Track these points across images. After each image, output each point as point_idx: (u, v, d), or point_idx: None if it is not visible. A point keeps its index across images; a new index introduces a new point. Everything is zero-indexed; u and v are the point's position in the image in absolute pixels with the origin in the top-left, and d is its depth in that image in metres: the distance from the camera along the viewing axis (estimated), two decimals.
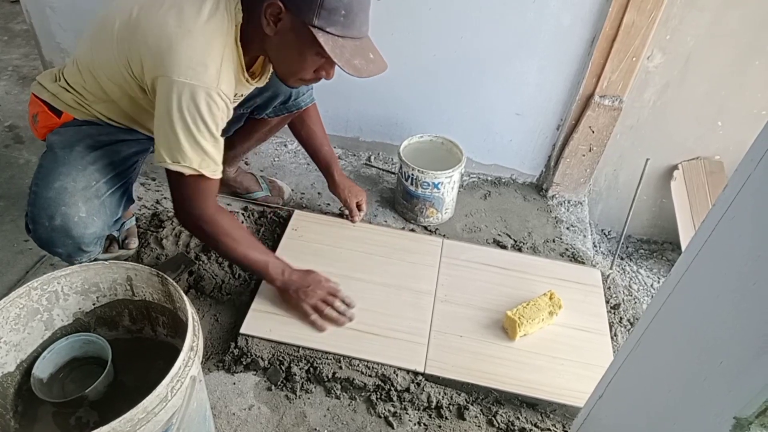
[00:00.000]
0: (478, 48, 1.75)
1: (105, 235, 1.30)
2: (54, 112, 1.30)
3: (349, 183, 1.70)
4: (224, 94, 1.10)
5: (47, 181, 1.20)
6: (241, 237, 1.31)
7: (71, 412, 0.99)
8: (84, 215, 1.20)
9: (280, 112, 1.53)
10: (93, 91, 1.26)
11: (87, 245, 1.24)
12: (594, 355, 1.39)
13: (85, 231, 1.21)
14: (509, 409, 1.30)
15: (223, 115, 1.14)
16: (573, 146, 1.83)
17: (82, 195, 1.21)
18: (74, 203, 1.19)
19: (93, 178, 1.24)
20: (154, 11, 1.08)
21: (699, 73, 1.72)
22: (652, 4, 1.54)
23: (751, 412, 0.58)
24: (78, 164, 1.23)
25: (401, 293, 1.50)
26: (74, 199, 1.19)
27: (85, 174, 1.23)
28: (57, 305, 1.00)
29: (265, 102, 1.48)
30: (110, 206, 1.27)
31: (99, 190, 1.24)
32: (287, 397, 1.29)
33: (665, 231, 2.09)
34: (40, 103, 1.31)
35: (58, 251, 1.23)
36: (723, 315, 0.65)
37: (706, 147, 1.87)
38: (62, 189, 1.19)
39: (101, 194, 1.25)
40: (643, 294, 1.95)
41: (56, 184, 1.19)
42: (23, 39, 2.61)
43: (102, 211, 1.25)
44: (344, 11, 1.04)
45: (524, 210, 1.91)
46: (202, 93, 1.07)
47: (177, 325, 1.05)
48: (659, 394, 0.78)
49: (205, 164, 1.15)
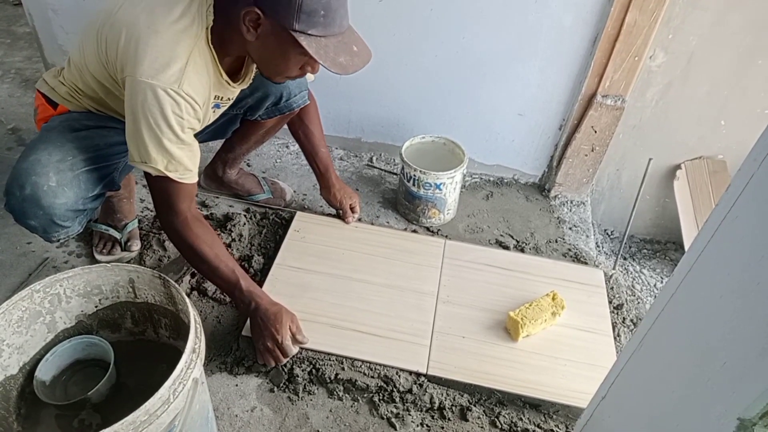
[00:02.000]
0: (480, 48, 1.74)
1: (81, 211, 1.27)
2: (50, 104, 1.32)
3: (343, 185, 1.70)
4: (187, 95, 1.09)
5: (25, 155, 1.22)
6: (214, 250, 1.25)
7: (74, 415, 1.00)
8: (54, 185, 1.19)
9: (273, 113, 1.52)
10: (84, 88, 1.29)
11: (59, 218, 1.22)
12: (597, 355, 1.39)
13: (55, 200, 1.19)
14: (512, 410, 1.29)
15: (190, 117, 1.12)
16: (575, 146, 1.83)
17: (55, 166, 1.20)
18: (45, 173, 1.19)
19: (70, 153, 1.24)
20: (131, 9, 1.10)
21: (701, 73, 1.71)
22: (654, 4, 1.53)
23: (755, 413, 0.58)
24: (57, 140, 1.24)
25: (404, 294, 1.50)
26: (46, 169, 1.19)
27: (63, 149, 1.23)
28: (59, 308, 1.01)
29: (257, 103, 1.48)
30: (85, 182, 1.25)
31: (74, 165, 1.24)
32: (290, 398, 1.28)
33: (668, 231, 2.08)
34: (40, 97, 1.35)
35: (32, 224, 1.22)
36: (726, 315, 0.65)
37: (709, 146, 1.87)
38: (36, 161, 1.20)
39: (76, 168, 1.24)
40: (646, 294, 1.94)
41: (32, 157, 1.20)
42: (26, 42, 2.62)
43: (75, 183, 1.23)
44: (323, 11, 1.04)
45: (527, 210, 1.91)
46: (161, 93, 1.06)
47: (179, 327, 1.05)
48: (662, 395, 0.77)
49: (171, 167, 1.15)
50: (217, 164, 1.74)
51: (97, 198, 1.32)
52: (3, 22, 2.80)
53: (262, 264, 1.58)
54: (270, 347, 1.27)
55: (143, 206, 1.74)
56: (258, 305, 1.28)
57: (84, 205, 1.27)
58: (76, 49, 1.26)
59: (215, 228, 1.65)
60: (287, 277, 1.52)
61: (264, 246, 1.64)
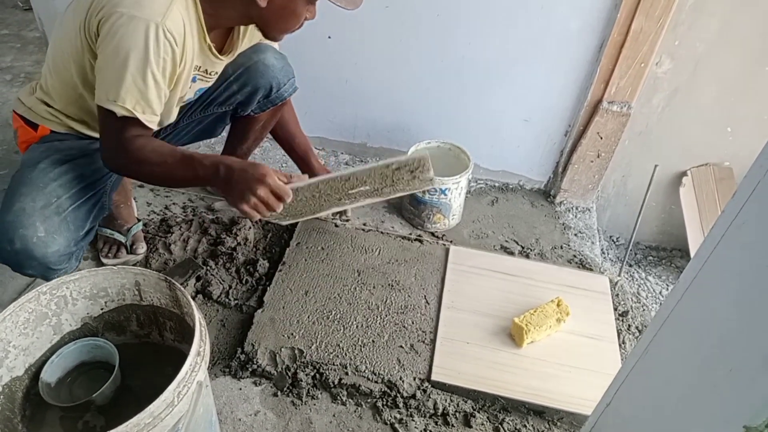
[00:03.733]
0: (486, 54, 1.75)
1: (75, 251, 1.25)
2: (30, 125, 1.29)
3: (326, 169, 1.67)
4: (169, 33, 1.07)
5: (8, 204, 1.18)
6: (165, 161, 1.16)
7: (79, 417, 1.00)
8: (42, 234, 1.16)
9: (265, 106, 1.51)
10: (62, 89, 1.26)
11: (54, 264, 1.19)
12: (602, 362, 1.38)
13: (47, 250, 1.17)
14: (516, 417, 1.29)
15: (168, 57, 1.10)
16: (581, 152, 1.83)
17: (40, 214, 1.17)
18: (32, 224, 1.16)
19: (54, 194, 1.21)
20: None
21: (708, 79, 1.71)
22: (660, 10, 1.53)
23: (761, 421, 0.58)
24: (39, 182, 1.21)
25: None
26: (32, 219, 1.16)
27: (45, 192, 1.20)
28: (65, 310, 1.01)
29: (247, 98, 1.46)
30: (74, 221, 1.23)
31: (60, 206, 1.21)
32: (293, 403, 1.28)
33: (674, 238, 2.07)
34: (18, 119, 1.31)
35: (29, 273, 1.20)
36: (732, 322, 0.65)
37: (716, 153, 1.86)
38: (20, 211, 1.16)
39: (62, 210, 1.21)
40: (651, 301, 1.93)
41: (15, 206, 1.17)
42: (35, 46, 2.64)
43: (64, 227, 1.20)
44: None
45: (532, 216, 1.91)
46: (143, 25, 1.04)
47: (184, 330, 1.05)
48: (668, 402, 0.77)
49: (140, 107, 1.10)
50: None
51: (88, 233, 1.29)
52: (13, 26, 2.83)
53: (267, 268, 1.58)
54: (261, 195, 1.13)
55: (149, 210, 1.75)
56: (229, 165, 1.14)
57: (76, 245, 1.24)
58: (49, 48, 1.25)
59: (222, 232, 1.66)
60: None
61: (269, 250, 1.65)
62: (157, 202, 1.78)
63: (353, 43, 1.82)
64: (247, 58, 1.40)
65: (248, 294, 1.52)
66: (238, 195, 1.14)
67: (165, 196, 1.82)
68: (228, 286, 1.52)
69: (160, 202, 1.79)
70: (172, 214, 1.74)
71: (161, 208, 1.77)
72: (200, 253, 1.61)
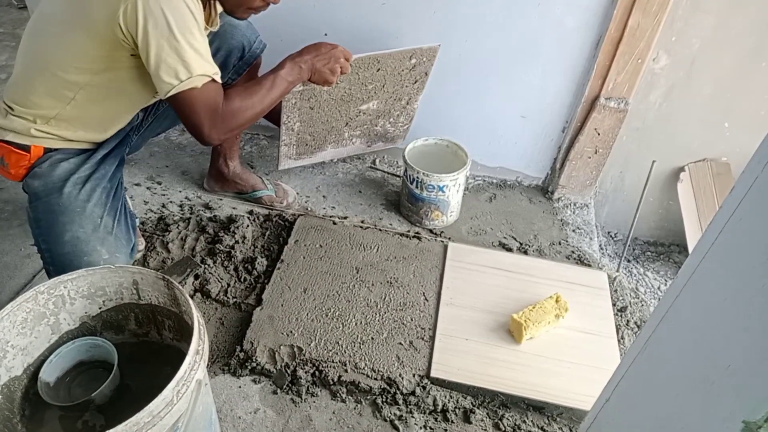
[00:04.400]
0: (483, 51, 1.75)
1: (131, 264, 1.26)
2: (21, 149, 1.23)
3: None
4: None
5: (55, 236, 1.17)
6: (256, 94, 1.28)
7: (78, 416, 1.00)
8: (107, 257, 1.18)
9: (241, 69, 1.52)
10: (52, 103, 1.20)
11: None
12: (601, 358, 1.38)
13: None
14: (515, 413, 1.29)
15: (200, 15, 1.12)
16: (579, 148, 1.83)
17: (96, 238, 1.18)
18: (93, 249, 1.17)
19: (96, 215, 1.21)
20: None
21: (705, 75, 1.71)
22: (657, 6, 1.53)
23: (760, 416, 0.58)
24: (75, 207, 1.20)
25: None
26: (91, 245, 1.17)
27: (86, 216, 1.20)
28: (63, 309, 1.01)
29: (223, 63, 1.45)
30: (123, 236, 1.24)
31: (106, 225, 1.22)
32: (293, 400, 1.29)
33: (672, 233, 2.08)
34: (2, 144, 1.23)
35: None
36: (730, 318, 0.65)
37: (713, 149, 1.87)
38: (75, 240, 1.17)
39: (111, 229, 1.22)
40: (650, 297, 1.94)
41: (66, 237, 1.17)
42: None
43: (119, 244, 1.22)
44: None
45: (530, 212, 1.91)
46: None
47: (183, 328, 1.05)
48: (666, 397, 0.77)
49: (210, 67, 1.14)
50: (218, 162, 1.74)
51: (135, 246, 1.30)
52: (8, 25, 2.82)
53: (266, 266, 1.58)
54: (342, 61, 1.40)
55: (146, 208, 1.75)
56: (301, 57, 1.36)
57: (131, 258, 1.26)
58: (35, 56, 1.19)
59: (220, 230, 1.66)
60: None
61: (267, 248, 1.65)
62: (154, 201, 1.78)
63: (349, 40, 1.81)
64: None
65: (247, 292, 1.52)
66: (328, 73, 1.39)
67: (162, 194, 1.81)
68: (226, 284, 1.52)
69: (157, 201, 1.78)
70: (170, 212, 1.74)
71: (158, 206, 1.76)
72: (198, 252, 1.60)
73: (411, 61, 1.64)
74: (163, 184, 1.85)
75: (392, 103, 1.78)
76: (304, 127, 1.66)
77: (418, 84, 1.75)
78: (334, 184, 1.93)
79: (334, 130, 1.76)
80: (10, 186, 1.81)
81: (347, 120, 1.75)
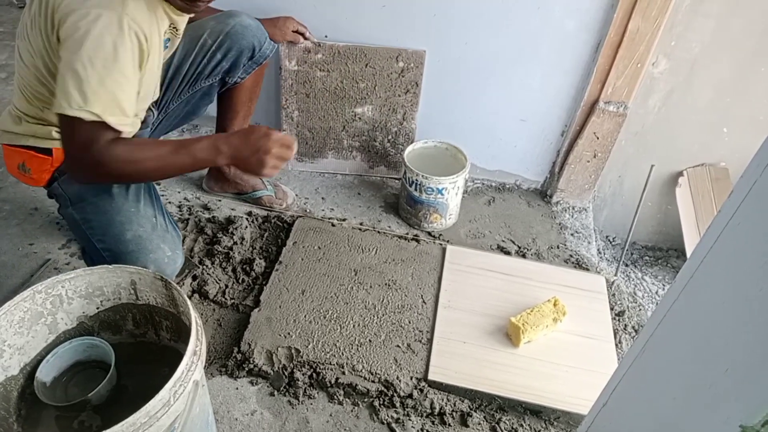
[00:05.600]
0: (483, 54, 1.75)
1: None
2: (42, 152, 1.22)
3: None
4: (135, 23, 1.02)
5: (113, 236, 1.18)
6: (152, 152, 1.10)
7: (74, 416, 0.99)
8: (170, 253, 1.20)
9: (250, 69, 1.52)
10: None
11: (174, 275, 1.25)
12: (598, 362, 1.38)
13: (175, 266, 1.22)
14: (513, 416, 1.29)
15: (135, 50, 1.04)
16: (577, 152, 1.83)
17: (157, 236, 1.20)
18: (157, 247, 1.19)
19: (149, 214, 1.22)
20: None
21: (704, 80, 1.71)
22: (657, 11, 1.54)
23: (757, 421, 0.58)
24: (129, 207, 1.20)
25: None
26: (154, 243, 1.19)
27: (141, 215, 1.20)
28: (61, 309, 1.01)
29: (233, 63, 1.47)
30: (176, 233, 1.27)
31: (161, 224, 1.23)
32: (290, 402, 1.28)
33: (670, 238, 2.08)
34: (22, 151, 1.22)
35: None
36: (728, 322, 0.65)
37: (711, 153, 1.87)
38: (137, 238, 1.17)
39: (165, 226, 1.24)
40: (647, 301, 1.94)
41: (128, 236, 1.17)
42: None
43: (176, 241, 1.25)
44: None
45: (528, 216, 1.91)
46: (105, 19, 0.99)
47: (180, 329, 1.05)
48: (664, 402, 0.77)
49: (109, 111, 1.02)
50: None
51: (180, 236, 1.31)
52: (8, 24, 2.81)
53: (264, 267, 1.58)
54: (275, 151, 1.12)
55: None
56: (227, 139, 1.13)
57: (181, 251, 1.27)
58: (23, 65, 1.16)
59: (218, 231, 1.65)
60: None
61: (266, 249, 1.65)
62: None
63: (349, 41, 1.82)
64: (223, 24, 1.42)
65: (245, 293, 1.52)
66: (255, 163, 1.13)
67: (160, 195, 1.81)
68: (224, 286, 1.52)
69: None
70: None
71: None
72: (196, 253, 1.60)
73: (399, 64, 1.68)
74: (161, 185, 1.85)
75: (387, 114, 1.79)
76: (302, 118, 1.67)
77: (410, 95, 1.77)
78: (333, 186, 1.93)
79: (332, 131, 1.76)
80: (8, 185, 1.80)
81: (344, 123, 1.75)
